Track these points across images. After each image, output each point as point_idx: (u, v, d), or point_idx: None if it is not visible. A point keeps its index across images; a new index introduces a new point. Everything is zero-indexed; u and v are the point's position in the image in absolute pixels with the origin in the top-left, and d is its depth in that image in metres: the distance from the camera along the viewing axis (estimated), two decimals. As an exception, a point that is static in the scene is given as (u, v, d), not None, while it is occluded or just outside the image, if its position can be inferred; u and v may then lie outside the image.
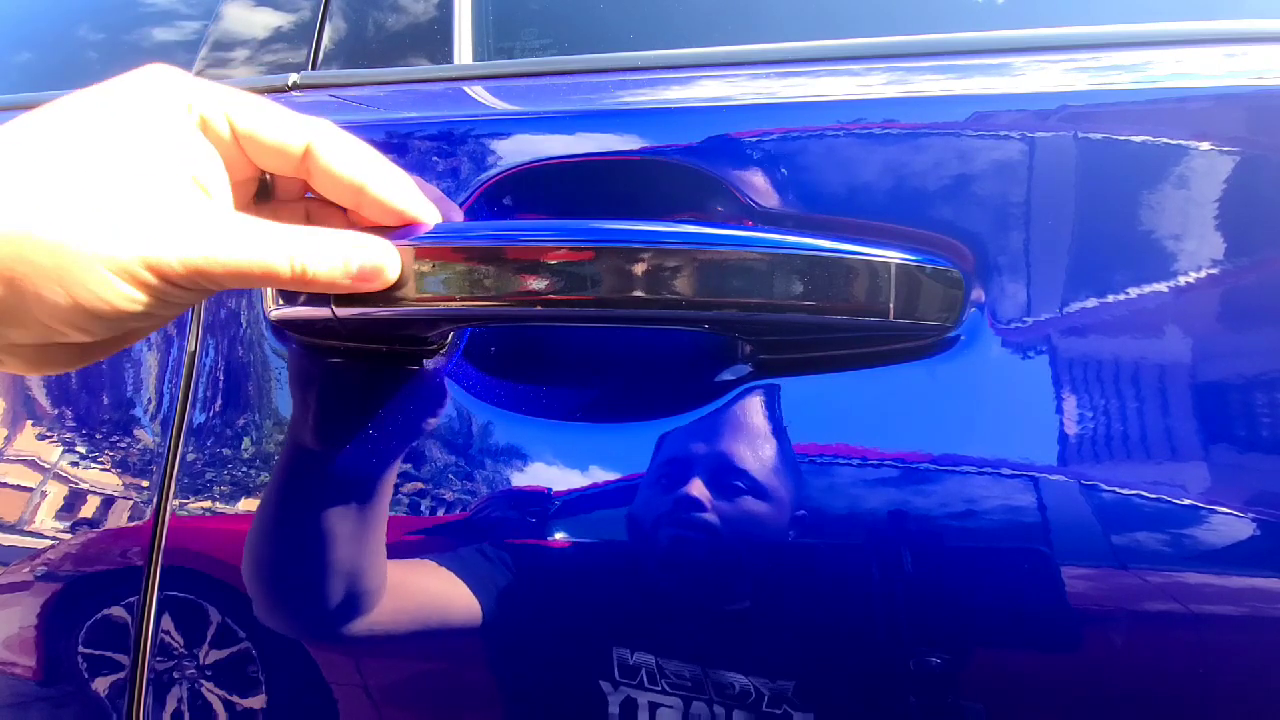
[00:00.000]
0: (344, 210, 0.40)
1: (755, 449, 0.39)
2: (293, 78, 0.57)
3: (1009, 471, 0.36)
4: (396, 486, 0.43)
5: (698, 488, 0.39)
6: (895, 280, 0.38)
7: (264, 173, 0.39)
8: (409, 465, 0.44)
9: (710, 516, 0.39)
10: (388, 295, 0.38)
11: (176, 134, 0.34)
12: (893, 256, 0.38)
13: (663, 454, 0.40)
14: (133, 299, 0.32)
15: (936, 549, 0.37)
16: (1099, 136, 0.39)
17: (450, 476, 0.43)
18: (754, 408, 0.40)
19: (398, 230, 0.39)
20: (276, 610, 0.44)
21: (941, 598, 0.36)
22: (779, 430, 0.40)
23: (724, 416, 0.40)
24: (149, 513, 0.47)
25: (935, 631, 0.36)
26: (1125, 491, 0.35)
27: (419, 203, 0.39)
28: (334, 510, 0.44)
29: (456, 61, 0.58)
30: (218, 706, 0.45)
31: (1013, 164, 0.39)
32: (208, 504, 0.47)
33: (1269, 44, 0.42)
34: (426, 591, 0.42)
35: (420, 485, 0.43)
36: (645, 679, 0.39)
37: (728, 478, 0.39)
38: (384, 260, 0.37)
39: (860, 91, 0.44)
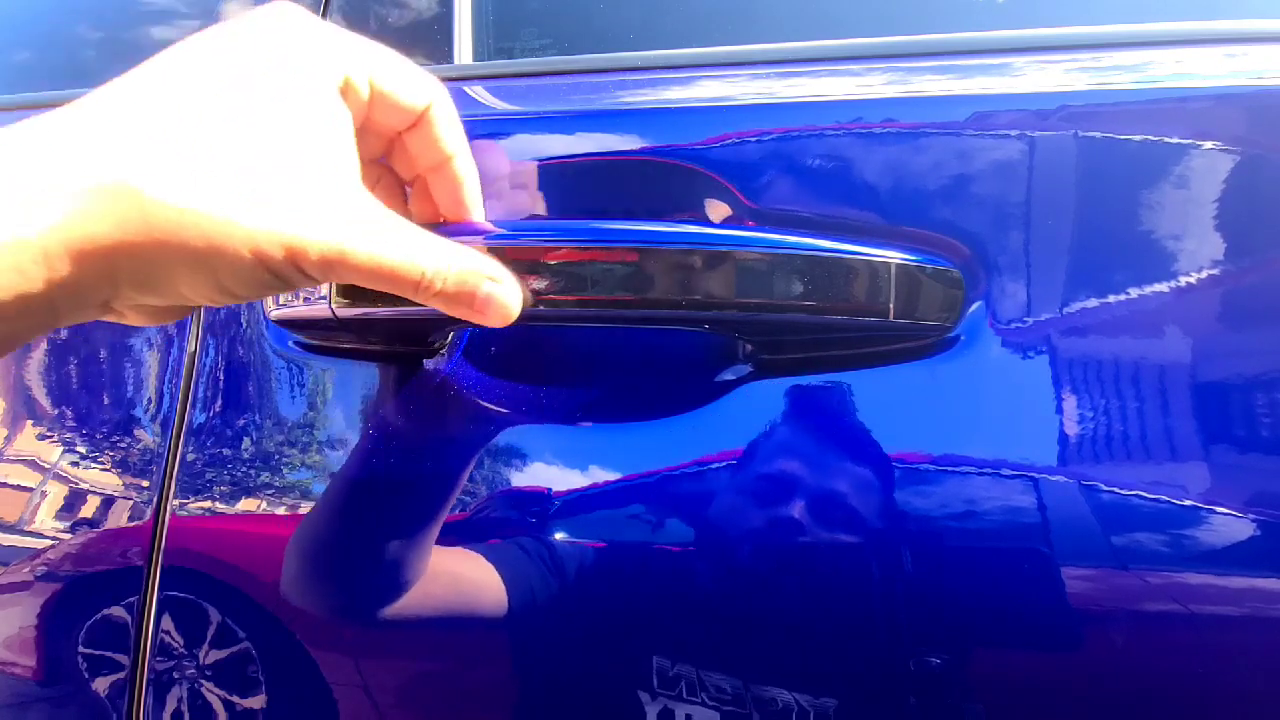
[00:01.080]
0: (404, 185, 0.39)
1: (755, 449, 0.39)
2: (292, 77, 0.57)
3: (1009, 471, 0.36)
4: (395, 486, 0.43)
5: (697, 488, 0.39)
6: (895, 280, 0.38)
7: None
8: (408, 465, 0.44)
9: (710, 517, 0.39)
10: (387, 295, 0.38)
11: (324, 100, 0.31)
12: (893, 256, 0.38)
13: (662, 454, 0.40)
14: (263, 283, 0.30)
15: (936, 549, 0.37)
16: (1099, 136, 0.39)
17: (450, 477, 0.43)
18: (754, 408, 0.40)
19: (448, 226, 0.38)
20: (283, 600, 0.44)
21: (941, 598, 0.36)
22: (779, 430, 0.40)
23: (724, 417, 0.40)
24: (149, 513, 0.47)
25: (937, 632, 0.36)
26: (1125, 491, 0.35)
27: (478, 200, 0.38)
28: (333, 510, 0.44)
29: (456, 61, 0.58)
30: (218, 706, 0.45)
31: (1013, 164, 0.39)
32: (208, 504, 0.47)
33: (1269, 44, 0.42)
34: (444, 586, 0.42)
35: (418, 486, 0.43)
36: (664, 684, 0.39)
37: (728, 478, 0.39)
38: (513, 300, 0.35)
39: (860, 91, 0.44)
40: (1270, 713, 0.34)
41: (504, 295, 0.35)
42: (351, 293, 0.41)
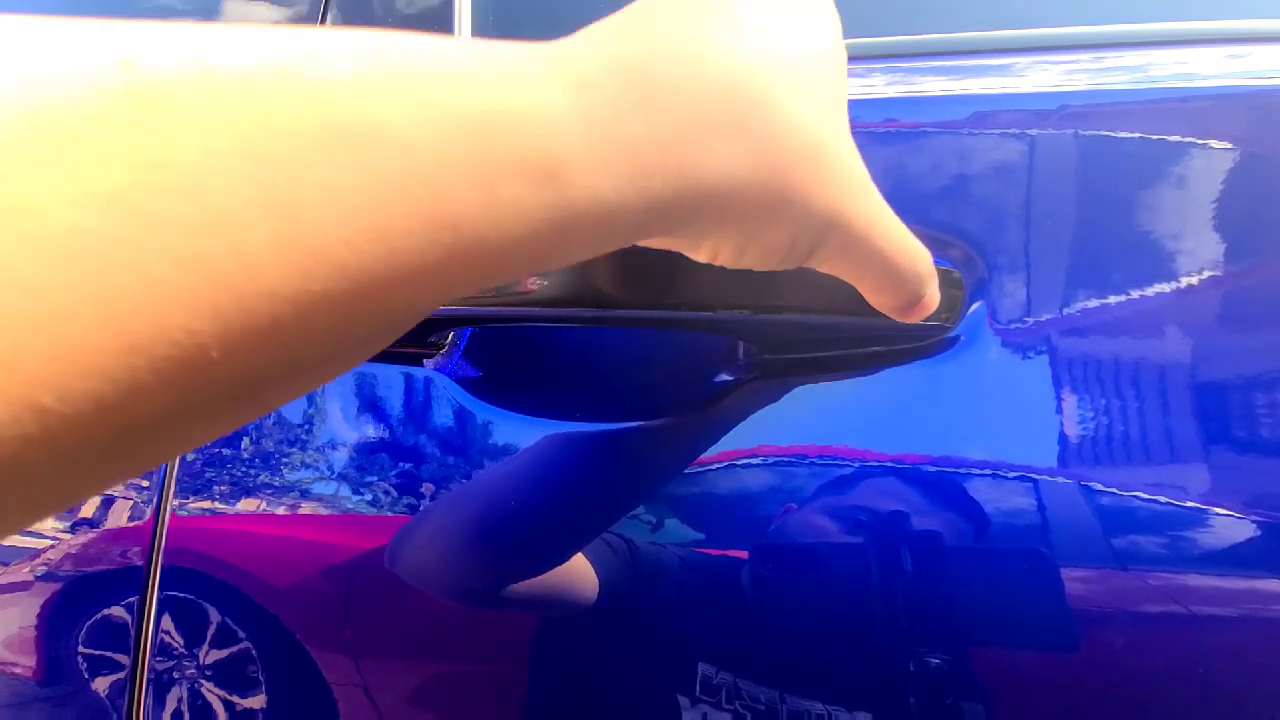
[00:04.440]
0: None
1: (755, 449, 0.39)
2: (292, 77, 0.57)
3: (1009, 471, 0.36)
4: (395, 487, 0.43)
5: (696, 489, 0.39)
6: (895, 280, 0.38)
7: None
8: (408, 466, 0.44)
9: (709, 518, 0.39)
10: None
11: (838, 26, 0.25)
12: (893, 257, 0.38)
13: (662, 455, 0.40)
14: (767, 259, 0.23)
15: (936, 549, 0.37)
16: (1099, 136, 0.39)
17: (450, 477, 0.43)
18: (754, 408, 0.40)
19: None
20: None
21: (941, 598, 0.36)
22: (779, 431, 0.39)
23: (724, 417, 0.40)
24: (149, 513, 0.47)
25: (936, 632, 0.36)
26: (1125, 492, 0.35)
27: None
28: (334, 510, 0.44)
29: (456, 61, 0.58)
30: (218, 706, 0.45)
31: (1013, 164, 0.39)
32: (208, 504, 0.47)
33: (1270, 44, 0.42)
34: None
35: (419, 486, 0.43)
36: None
37: (728, 478, 0.39)
38: (937, 302, 0.30)
39: (860, 91, 0.44)
40: (1270, 713, 0.34)
41: (936, 296, 0.30)
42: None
